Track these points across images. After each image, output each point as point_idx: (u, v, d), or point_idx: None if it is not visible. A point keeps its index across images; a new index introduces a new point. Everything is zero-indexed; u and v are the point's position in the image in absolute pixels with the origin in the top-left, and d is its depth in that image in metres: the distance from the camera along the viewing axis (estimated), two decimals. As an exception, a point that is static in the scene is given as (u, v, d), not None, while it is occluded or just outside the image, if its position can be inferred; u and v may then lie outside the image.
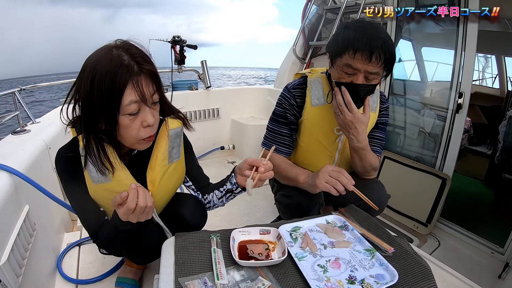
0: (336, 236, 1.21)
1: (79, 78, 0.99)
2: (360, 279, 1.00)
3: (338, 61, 1.33)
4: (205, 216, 1.43)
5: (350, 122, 1.34)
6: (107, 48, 0.98)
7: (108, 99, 0.93)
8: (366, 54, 1.23)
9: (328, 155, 1.59)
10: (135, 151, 1.21)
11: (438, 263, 1.69)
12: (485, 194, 3.18)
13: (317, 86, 1.52)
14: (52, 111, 2.60)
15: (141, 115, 1.01)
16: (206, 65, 3.47)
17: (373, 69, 1.27)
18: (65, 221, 2.02)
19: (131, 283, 1.51)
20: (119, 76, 0.93)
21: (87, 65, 0.97)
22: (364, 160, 1.47)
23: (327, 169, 1.34)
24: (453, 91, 2.42)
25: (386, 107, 1.63)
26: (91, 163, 1.05)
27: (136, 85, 0.95)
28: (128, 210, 0.94)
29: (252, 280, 0.96)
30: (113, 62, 0.94)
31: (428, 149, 2.70)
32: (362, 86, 1.31)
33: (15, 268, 1.09)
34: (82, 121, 1.01)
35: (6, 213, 1.15)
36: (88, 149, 1.03)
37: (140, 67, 0.97)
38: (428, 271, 1.05)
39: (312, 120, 1.53)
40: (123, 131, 1.02)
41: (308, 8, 3.33)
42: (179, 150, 1.27)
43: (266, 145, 1.62)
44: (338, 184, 1.29)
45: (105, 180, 1.09)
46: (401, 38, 2.92)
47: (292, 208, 1.53)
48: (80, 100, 0.99)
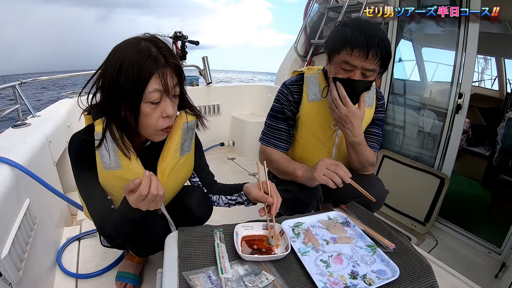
0: (338, 232, 1.22)
1: (105, 64, 1.03)
2: (362, 275, 1.01)
3: (336, 58, 1.36)
4: (210, 209, 1.44)
5: (345, 116, 1.36)
6: (136, 39, 1.03)
7: (133, 85, 0.97)
8: (364, 51, 1.27)
9: (326, 150, 1.60)
10: (148, 142, 1.23)
11: (436, 261, 1.70)
12: (483, 195, 3.20)
13: (314, 82, 1.55)
14: (53, 105, 2.59)
15: (162, 105, 1.04)
16: (208, 61, 3.47)
17: (369, 66, 1.31)
18: (64, 215, 2.01)
19: (132, 278, 1.51)
20: (146, 65, 0.97)
21: (114, 53, 1.01)
22: (360, 155, 1.48)
23: (325, 162, 1.36)
24: (453, 92, 2.44)
25: (382, 103, 1.66)
26: (106, 148, 1.08)
27: (162, 76, 1.00)
28: (140, 196, 0.94)
29: (256, 275, 0.97)
30: (142, 52, 0.98)
31: (427, 149, 2.71)
32: (359, 82, 1.35)
33: (16, 261, 1.09)
34: (105, 106, 1.04)
35: (7, 206, 1.15)
36: (108, 133, 1.06)
37: (166, 60, 1.02)
38: (429, 268, 1.06)
39: (309, 116, 1.55)
40: (143, 120, 1.04)
41: (310, 6, 3.34)
42: (190, 143, 1.29)
43: (264, 141, 1.65)
44: (336, 176, 1.30)
45: (116, 167, 1.12)
46: (402, 38, 2.92)
47: (291, 203, 1.53)
48: (104, 86, 1.02)
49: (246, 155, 3.44)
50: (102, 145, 1.08)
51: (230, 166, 3.25)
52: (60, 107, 2.52)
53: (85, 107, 1.13)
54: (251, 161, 3.26)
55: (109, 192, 1.18)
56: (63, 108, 2.49)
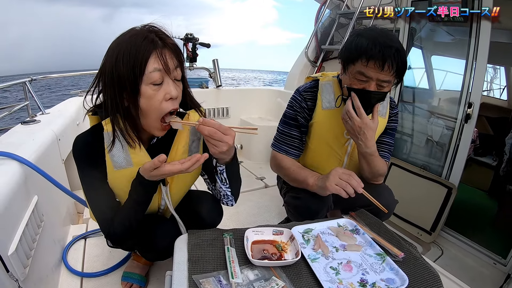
0: (347, 239, 1.21)
1: (104, 59, 1.01)
2: (371, 283, 1.01)
3: (351, 68, 1.34)
4: (221, 215, 1.42)
5: (358, 128, 1.34)
6: (131, 29, 1.02)
7: (133, 68, 0.95)
8: (379, 63, 1.25)
9: (337, 159, 1.59)
10: (154, 139, 1.21)
11: (441, 270, 1.68)
12: (489, 205, 3.17)
13: (328, 90, 1.53)
14: (62, 103, 2.60)
15: (164, 86, 1.01)
16: (218, 64, 3.47)
17: (385, 77, 1.28)
18: (71, 213, 2.02)
19: (138, 278, 1.50)
20: (143, 47, 0.96)
21: (111, 45, 1.00)
22: (372, 165, 1.47)
23: (338, 172, 1.34)
24: (462, 101, 2.42)
25: (396, 113, 1.64)
26: (119, 140, 1.06)
27: (160, 55, 0.98)
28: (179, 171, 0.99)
29: (265, 280, 0.96)
30: (138, 36, 0.97)
31: (435, 158, 2.70)
32: (374, 93, 1.32)
33: (22, 259, 1.08)
34: (108, 100, 1.02)
35: (16, 203, 1.15)
36: (116, 128, 1.05)
37: (163, 41, 1.00)
38: (437, 277, 1.06)
39: (322, 123, 1.54)
40: (146, 103, 1.01)
41: (321, 12, 3.33)
42: (198, 144, 1.25)
43: (276, 147, 1.63)
44: (348, 186, 1.29)
45: (127, 165, 1.10)
46: (413, 46, 2.92)
47: (301, 210, 1.52)
48: (105, 79, 1.01)
49: (254, 159, 3.42)
50: (113, 144, 1.07)
51: None
52: (70, 105, 2.53)
53: (90, 107, 1.12)
54: (259, 165, 3.25)
55: (117, 193, 1.17)
56: (72, 106, 2.51)
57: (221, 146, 1.02)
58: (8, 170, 1.22)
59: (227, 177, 1.22)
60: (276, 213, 2.31)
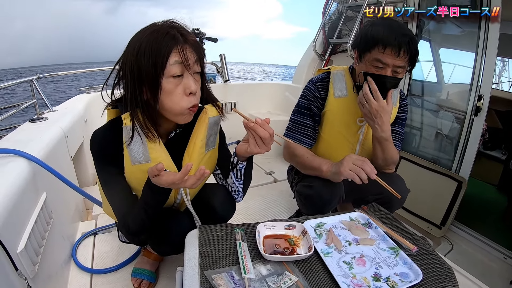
0: (360, 233, 1.20)
1: (124, 52, 1.03)
2: (385, 277, 1.00)
3: (367, 56, 1.39)
4: (233, 208, 1.42)
5: (375, 111, 1.37)
6: (151, 24, 1.03)
7: (154, 62, 0.97)
8: (395, 50, 1.31)
9: (349, 147, 1.62)
10: (172, 133, 1.21)
11: (453, 265, 1.67)
12: (498, 199, 3.14)
13: (340, 79, 1.57)
14: (70, 100, 2.61)
15: (184, 81, 1.03)
16: (225, 58, 3.46)
17: (400, 63, 1.34)
18: (80, 209, 2.02)
19: (148, 274, 1.50)
20: (165, 42, 0.97)
21: (132, 40, 1.02)
22: (386, 151, 1.50)
23: (352, 158, 1.36)
24: (472, 94, 2.39)
25: (405, 103, 1.68)
26: (139, 133, 1.07)
27: (181, 50, 0.99)
28: (172, 184, 0.96)
29: (278, 275, 0.96)
30: (159, 31, 0.99)
31: (444, 152, 2.67)
32: (390, 78, 1.37)
33: (31, 256, 1.08)
34: (128, 94, 1.03)
35: (25, 200, 1.14)
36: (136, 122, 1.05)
37: (185, 37, 1.02)
38: (451, 272, 1.06)
39: (335, 112, 1.57)
40: (166, 98, 1.02)
41: (329, 5, 3.31)
42: (215, 138, 1.28)
43: (289, 136, 1.66)
44: (362, 172, 1.30)
45: (145, 161, 1.11)
46: (421, 39, 2.89)
47: (313, 199, 1.54)
48: (126, 72, 1.02)
49: (263, 154, 3.37)
50: (132, 138, 1.07)
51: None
52: (77, 102, 2.53)
53: (109, 101, 1.13)
54: (267, 160, 3.24)
55: (134, 187, 1.17)
56: (80, 103, 2.51)
57: (263, 148, 1.09)
58: (17, 167, 1.22)
59: (243, 173, 1.25)
60: (286, 208, 2.30)
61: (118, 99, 1.12)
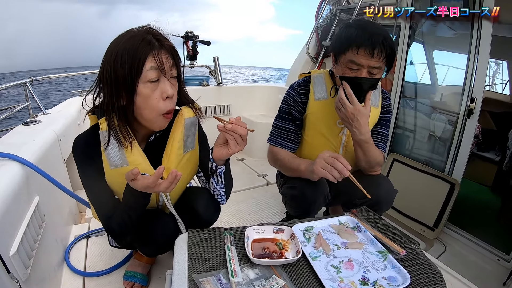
0: (349, 237, 1.21)
1: (103, 60, 1.05)
2: (373, 281, 1.00)
3: (342, 58, 1.40)
4: (218, 211, 1.44)
5: (351, 115, 1.37)
6: (129, 30, 1.05)
7: (130, 68, 0.99)
8: (369, 50, 1.31)
9: (332, 149, 1.62)
10: (152, 137, 1.23)
11: (444, 267, 1.68)
12: (492, 201, 3.15)
13: (320, 82, 1.59)
14: (63, 103, 2.61)
15: (161, 86, 1.05)
16: (218, 61, 3.47)
17: (375, 64, 1.34)
18: (73, 213, 2.02)
19: (140, 277, 1.50)
20: (140, 48, 1.00)
21: (109, 46, 1.04)
22: (367, 154, 1.49)
23: (324, 155, 1.34)
24: (464, 96, 2.40)
25: (389, 104, 1.68)
26: (114, 138, 1.08)
27: (156, 56, 1.01)
28: (147, 187, 0.99)
29: (266, 279, 0.96)
30: (136, 38, 1.01)
31: (437, 153, 2.68)
32: (365, 79, 1.37)
33: (24, 259, 1.08)
34: (105, 99, 1.05)
35: (17, 203, 1.15)
36: (111, 127, 1.07)
37: (160, 42, 1.04)
38: (439, 275, 1.06)
39: (316, 114, 1.58)
40: (143, 103, 1.04)
41: (322, 8, 3.32)
42: (193, 139, 1.29)
43: (272, 141, 1.68)
44: (334, 170, 1.29)
45: (122, 164, 1.12)
46: (414, 41, 2.90)
47: (297, 199, 1.56)
48: (104, 79, 1.04)
49: (255, 156, 3.42)
50: (109, 143, 1.09)
51: (240, 167, 3.22)
52: (71, 105, 2.53)
53: (90, 108, 1.15)
54: (261, 162, 3.25)
55: (116, 191, 1.19)
56: (73, 106, 2.51)
57: (242, 145, 1.12)
58: (9, 171, 1.22)
59: (224, 178, 1.27)
60: (278, 210, 2.31)
61: (96, 106, 1.13)
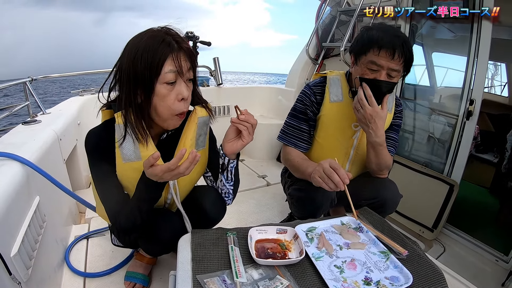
0: (351, 237, 1.21)
1: (121, 56, 1.07)
2: (376, 281, 1.00)
3: (363, 59, 1.41)
4: (224, 210, 1.44)
5: (370, 116, 1.39)
6: (148, 30, 1.08)
7: (150, 68, 1.02)
8: (390, 51, 1.34)
9: (344, 152, 1.63)
10: (164, 135, 1.24)
11: (444, 268, 1.68)
12: (491, 202, 3.17)
13: (336, 84, 1.59)
14: (63, 103, 2.61)
15: (177, 87, 1.08)
16: (218, 62, 3.47)
17: (395, 66, 1.37)
18: (73, 213, 2.01)
19: (141, 278, 1.50)
20: (160, 49, 1.02)
21: (129, 44, 1.06)
22: (379, 156, 1.50)
23: (324, 165, 1.31)
24: (464, 98, 2.42)
25: (401, 110, 1.69)
26: (131, 132, 1.09)
27: (176, 58, 1.04)
28: (168, 170, 0.98)
29: (270, 279, 0.96)
30: (156, 38, 1.03)
31: (436, 155, 2.69)
32: (384, 82, 1.39)
33: (25, 260, 1.08)
34: (123, 95, 1.07)
35: (17, 203, 1.14)
36: (128, 121, 1.08)
37: (179, 44, 1.07)
38: (441, 275, 1.06)
39: (330, 116, 1.59)
40: (159, 102, 1.07)
41: (322, 9, 3.32)
42: (205, 139, 1.30)
43: (284, 140, 1.67)
44: (330, 182, 1.28)
45: (135, 159, 1.13)
46: (414, 43, 2.91)
47: (304, 202, 1.56)
48: (122, 76, 1.06)
49: (255, 157, 3.42)
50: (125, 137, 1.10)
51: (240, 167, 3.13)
52: (71, 105, 2.53)
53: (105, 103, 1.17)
54: (261, 163, 3.26)
55: (126, 185, 1.19)
56: (73, 106, 2.50)
57: (252, 134, 1.20)
58: (10, 170, 1.21)
59: (234, 173, 1.31)
60: (279, 211, 2.31)
61: (112, 100, 1.15)
